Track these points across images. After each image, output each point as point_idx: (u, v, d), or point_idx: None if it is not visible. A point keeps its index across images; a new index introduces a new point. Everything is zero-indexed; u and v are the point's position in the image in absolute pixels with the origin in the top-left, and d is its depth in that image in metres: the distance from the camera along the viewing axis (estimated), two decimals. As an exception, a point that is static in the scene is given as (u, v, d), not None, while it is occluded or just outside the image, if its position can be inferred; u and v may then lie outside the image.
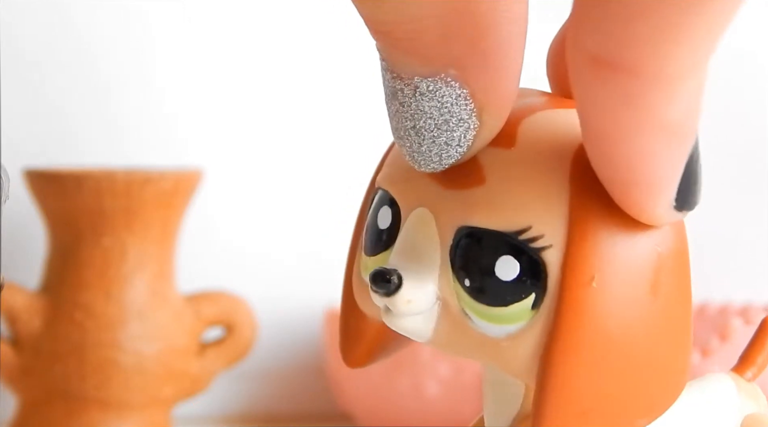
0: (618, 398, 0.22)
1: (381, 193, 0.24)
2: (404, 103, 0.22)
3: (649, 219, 0.22)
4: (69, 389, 0.53)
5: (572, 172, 0.22)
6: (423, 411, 0.55)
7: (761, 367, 0.29)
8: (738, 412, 0.27)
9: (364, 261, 0.25)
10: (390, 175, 0.24)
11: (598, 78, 0.20)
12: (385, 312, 0.23)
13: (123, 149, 0.65)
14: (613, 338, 0.22)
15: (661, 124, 0.20)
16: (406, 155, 0.23)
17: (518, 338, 0.22)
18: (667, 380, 0.23)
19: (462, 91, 0.22)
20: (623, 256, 0.22)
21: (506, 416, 0.25)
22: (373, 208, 0.25)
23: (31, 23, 0.64)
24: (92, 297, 0.54)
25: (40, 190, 0.55)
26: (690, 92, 0.20)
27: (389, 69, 0.22)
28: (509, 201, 0.22)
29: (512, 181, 0.22)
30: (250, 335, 0.57)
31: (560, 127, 0.23)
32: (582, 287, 0.22)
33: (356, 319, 0.26)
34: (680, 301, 0.23)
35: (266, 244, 0.66)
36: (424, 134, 0.22)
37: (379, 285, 0.22)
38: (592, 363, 0.22)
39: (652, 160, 0.21)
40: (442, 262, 0.23)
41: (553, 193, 0.22)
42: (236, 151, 0.66)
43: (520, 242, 0.22)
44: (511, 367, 0.23)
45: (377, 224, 0.24)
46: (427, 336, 0.23)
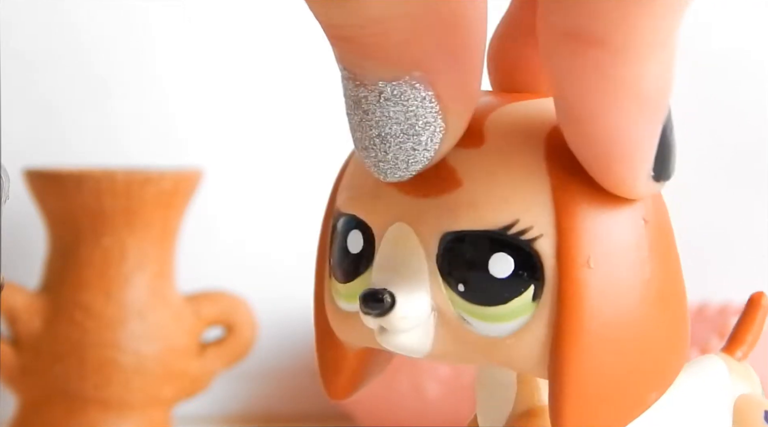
0: (630, 375, 0.22)
1: (345, 218, 0.24)
2: (368, 110, 0.22)
3: (629, 192, 0.22)
4: (69, 388, 0.54)
5: (547, 159, 0.22)
6: (423, 411, 0.55)
7: (751, 345, 0.29)
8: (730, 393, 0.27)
9: (336, 288, 0.24)
10: (354, 198, 0.24)
11: (570, 52, 0.20)
12: (380, 332, 0.23)
13: (123, 149, 0.65)
14: (618, 314, 0.22)
15: (633, 94, 0.20)
16: (371, 166, 0.22)
17: (523, 333, 0.22)
18: (672, 349, 0.23)
19: (427, 94, 0.21)
20: (613, 231, 0.22)
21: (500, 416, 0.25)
22: (339, 234, 0.24)
23: (31, 23, 0.64)
24: (92, 297, 0.54)
25: (40, 190, 0.55)
26: (660, 63, 0.20)
27: (351, 77, 0.21)
28: (491, 199, 0.22)
29: (490, 178, 0.22)
30: (250, 335, 0.57)
31: (526, 117, 0.23)
32: (580, 270, 0.22)
33: (334, 349, 0.26)
34: (672, 267, 0.23)
35: (266, 244, 0.66)
36: (390, 141, 0.22)
37: (372, 306, 0.22)
38: (602, 344, 0.22)
39: (628, 132, 0.21)
40: (431, 273, 0.22)
41: (532, 182, 0.22)
42: (236, 151, 0.66)
43: (510, 236, 0.22)
44: (520, 363, 0.22)
45: (347, 249, 0.24)
46: (426, 350, 0.23)
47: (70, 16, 0.64)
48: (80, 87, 0.64)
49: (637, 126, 0.21)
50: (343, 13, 0.20)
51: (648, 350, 0.22)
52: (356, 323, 0.24)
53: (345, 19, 0.20)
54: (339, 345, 0.25)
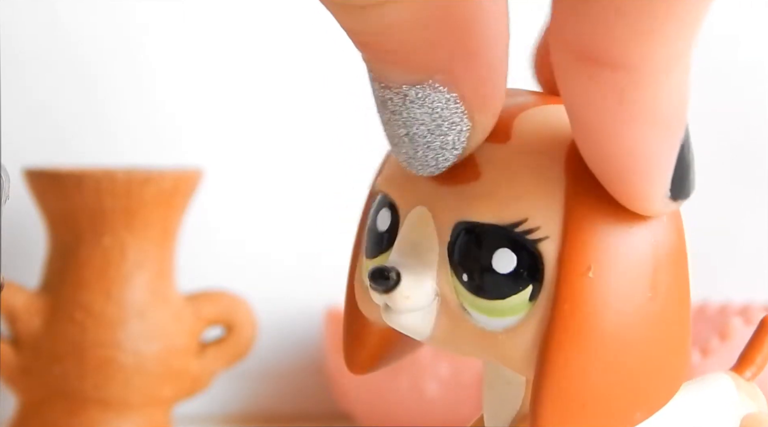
0: (616, 390, 0.22)
1: (380, 196, 0.25)
2: (395, 111, 0.22)
3: (645, 210, 0.22)
4: (69, 388, 0.53)
5: (567, 165, 0.22)
6: (423, 411, 0.55)
7: (760, 366, 0.29)
8: (737, 411, 0.27)
9: (365, 264, 0.25)
10: (388, 178, 0.24)
11: (584, 75, 0.20)
12: (385, 310, 0.23)
13: (123, 149, 0.65)
14: (611, 328, 0.22)
15: (649, 116, 0.20)
16: (403, 162, 0.23)
17: (516, 331, 0.22)
18: (666, 372, 0.23)
19: (451, 95, 0.22)
20: (620, 246, 0.22)
21: (506, 415, 0.25)
22: (372, 211, 0.25)
23: (30, 23, 0.64)
24: (92, 297, 0.54)
25: (40, 189, 0.55)
26: (676, 83, 0.20)
27: (377, 79, 0.22)
28: (505, 194, 0.22)
29: (507, 174, 0.22)
30: (250, 334, 0.57)
31: (554, 121, 0.23)
32: (578, 278, 0.22)
33: (359, 324, 0.26)
34: (679, 293, 0.23)
35: (266, 244, 0.66)
36: (417, 141, 0.22)
37: (378, 282, 0.23)
38: (589, 354, 0.22)
39: (643, 152, 0.21)
40: (441, 258, 0.23)
41: (548, 185, 0.22)
42: (236, 151, 0.66)
43: (517, 234, 0.22)
44: (510, 360, 0.23)
45: (377, 226, 0.24)
46: (426, 333, 0.23)
47: (70, 17, 0.64)
48: (80, 87, 0.64)
49: (654, 146, 0.21)
50: (364, 22, 0.20)
51: (639, 369, 0.22)
52: None
53: (366, 27, 0.21)
54: (365, 321, 0.26)
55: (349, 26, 0.21)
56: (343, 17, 0.21)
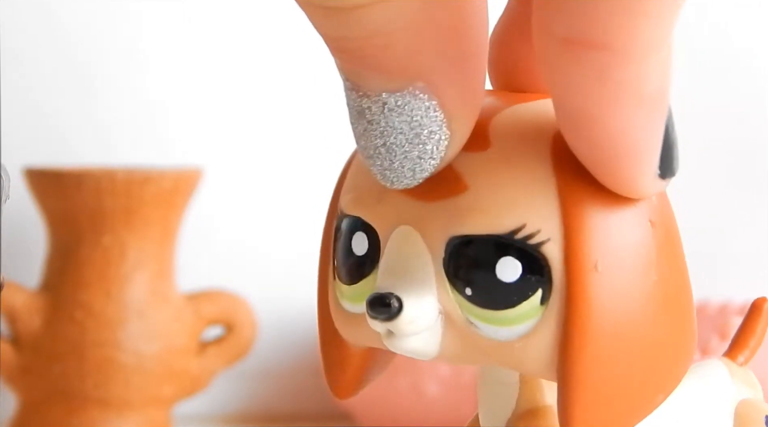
0: (638, 377, 0.22)
1: (350, 219, 0.24)
2: (372, 120, 0.21)
3: (636, 192, 0.22)
4: (69, 388, 0.53)
5: (554, 162, 0.22)
6: (422, 411, 0.55)
7: (753, 350, 0.29)
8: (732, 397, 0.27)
9: (340, 289, 0.24)
10: (358, 200, 0.24)
11: (570, 58, 0.20)
12: (387, 336, 0.23)
13: (123, 148, 0.65)
14: (626, 317, 0.22)
15: (636, 96, 0.20)
16: (377, 174, 0.22)
17: (531, 337, 0.22)
18: (679, 350, 0.23)
19: (431, 103, 0.21)
20: (620, 234, 0.22)
21: (502, 415, 0.25)
22: (343, 235, 0.24)
23: (30, 23, 0.64)
24: (92, 296, 0.54)
25: (40, 189, 0.55)
26: (660, 62, 0.20)
27: (353, 88, 0.21)
28: (497, 202, 0.22)
29: (496, 182, 0.22)
30: (250, 334, 0.57)
31: (531, 120, 0.23)
32: (588, 274, 0.22)
33: (338, 349, 0.25)
34: (679, 268, 0.23)
35: (266, 243, 0.66)
36: (395, 150, 0.22)
37: (379, 311, 0.22)
38: (610, 347, 0.22)
39: (632, 133, 0.21)
40: (437, 275, 0.22)
41: (539, 186, 0.22)
42: (236, 150, 0.66)
43: (518, 241, 0.22)
44: (529, 366, 0.22)
45: (352, 251, 0.24)
46: (433, 352, 0.23)
47: (69, 17, 0.64)
48: (80, 87, 0.64)
49: (641, 126, 0.21)
50: (345, 26, 0.20)
51: (655, 351, 0.22)
52: (361, 323, 0.24)
53: (346, 31, 0.20)
54: (343, 345, 0.25)
55: (330, 32, 0.21)
56: (323, 22, 0.20)
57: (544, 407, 0.24)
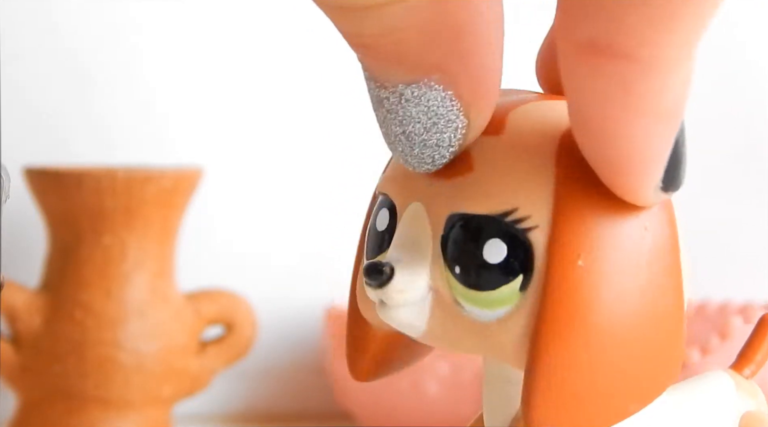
0: (609, 381, 0.22)
1: (381, 197, 0.25)
2: (391, 110, 0.22)
3: (636, 199, 0.22)
4: (69, 387, 0.54)
5: (558, 156, 0.22)
6: (423, 410, 0.56)
7: (759, 364, 0.29)
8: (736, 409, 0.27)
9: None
10: (388, 178, 0.25)
11: (593, 67, 0.20)
12: (380, 305, 0.23)
13: (123, 148, 0.65)
14: (603, 318, 0.22)
15: (655, 109, 0.21)
16: (401, 159, 0.23)
17: (507, 321, 0.22)
18: (660, 363, 0.23)
19: (447, 94, 0.22)
20: (610, 236, 0.22)
21: (507, 414, 0.25)
22: (374, 213, 0.25)
23: (30, 23, 0.64)
24: (92, 296, 0.54)
25: (41, 188, 0.55)
26: (682, 76, 0.20)
27: (372, 78, 0.22)
28: (496, 185, 0.22)
29: (499, 165, 0.23)
30: (250, 333, 0.57)
31: (547, 115, 0.23)
32: (568, 266, 0.22)
33: (361, 329, 0.26)
34: (672, 283, 0.23)
35: (266, 242, 0.66)
36: (414, 139, 0.22)
37: (372, 277, 0.23)
38: (581, 344, 0.22)
39: (644, 144, 0.21)
40: (434, 252, 0.23)
41: (538, 175, 0.22)
42: (236, 150, 0.66)
43: (507, 223, 0.22)
44: (502, 352, 0.23)
45: (376, 227, 0.25)
46: (421, 329, 0.23)
47: (69, 17, 0.64)
48: (80, 87, 0.64)
49: (653, 139, 0.21)
50: (361, 24, 0.21)
51: (633, 359, 0.22)
52: None
53: (362, 29, 0.21)
54: (364, 325, 0.26)
55: (347, 29, 0.21)
56: (341, 20, 0.21)
57: None
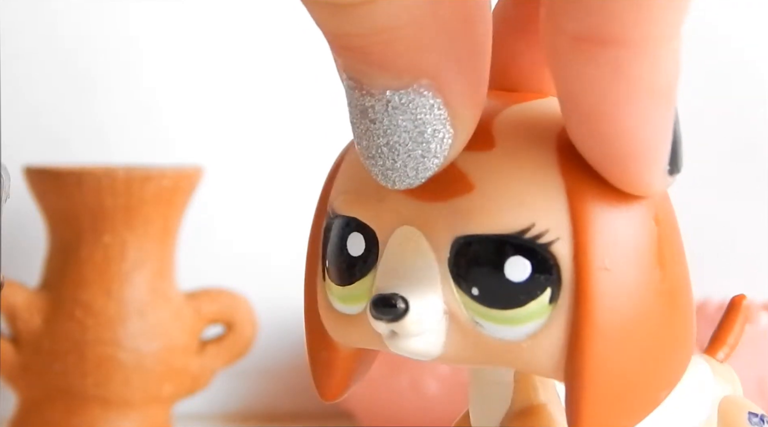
0: (645, 374, 0.22)
1: (343, 219, 0.24)
2: (375, 119, 0.21)
3: (644, 189, 0.22)
4: (69, 386, 0.54)
5: (560, 160, 0.22)
6: (422, 409, 0.56)
7: (732, 347, 0.29)
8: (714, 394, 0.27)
9: (332, 290, 0.24)
10: (354, 201, 0.24)
11: (584, 56, 0.20)
12: (390, 337, 0.22)
13: (123, 147, 0.65)
14: (633, 315, 0.22)
15: (650, 89, 0.20)
16: (378, 175, 0.22)
17: (540, 337, 0.22)
18: (681, 346, 0.23)
19: (435, 101, 0.21)
20: (626, 231, 0.22)
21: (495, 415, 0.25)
22: (337, 236, 0.24)
23: (30, 23, 0.64)
24: (92, 295, 0.54)
25: (41, 187, 0.55)
26: (671, 55, 0.20)
27: (357, 86, 0.21)
28: (505, 202, 0.22)
29: (503, 181, 0.22)
30: (250, 332, 0.57)
31: (534, 118, 0.23)
32: (597, 272, 0.22)
33: (327, 350, 0.25)
34: (681, 266, 0.23)
35: (266, 242, 0.66)
36: (398, 150, 0.21)
37: (384, 311, 0.22)
38: (619, 345, 0.22)
39: (645, 129, 0.21)
40: (441, 276, 0.22)
41: (546, 185, 0.22)
42: (236, 149, 0.66)
43: (527, 240, 0.22)
44: (536, 366, 0.22)
45: (347, 252, 0.23)
46: (436, 353, 0.23)
47: (69, 17, 0.64)
48: (80, 86, 0.64)
49: (653, 121, 0.21)
50: (351, 23, 0.20)
51: (660, 348, 0.22)
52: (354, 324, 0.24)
53: (352, 28, 0.20)
54: (332, 346, 0.25)
55: (334, 29, 0.20)
56: (328, 19, 0.20)
57: (539, 405, 0.24)
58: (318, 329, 0.25)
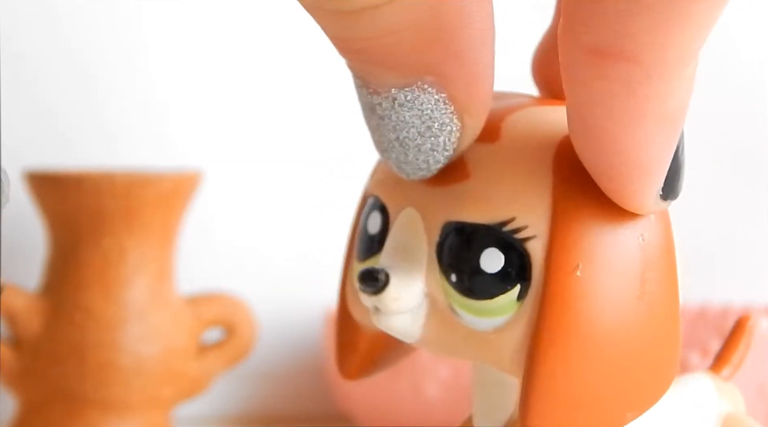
0: (606, 390, 0.22)
1: (372, 199, 0.25)
2: (384, 116, 0.22)
3: (636, 208, 0.22)
4: (69, 390, 0.53)
5: (555, 165, 0.22)
6: (422, 412, 0.55)
7: (736, 366, 0.29)
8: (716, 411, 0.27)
9: (356, 268, 0.25)
10: (379, 181, 0.25)
11: (597, 70, 0.20)
12: (375, 312, 0.23)
13: (122, 151, 0.65)
14: (600, 327, 0.22)
15: (658, 112, 0.20)
16: (393, 166, 0.23)
17: (505, 331, 0.22)
18: (656, 371, 0.23)
19: (440, 97, 0.22)
20: (608, 245, 0.22)
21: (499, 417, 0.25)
22: (364, 214, 0.25)
23: (30, 23, 0.64)
24: (92, 298, 0.54)
25: (40, 191, 0.55)
26: (684, 81, 0.20)
27: (363, 85, 0.22)
28: (493, 194, 0.22)
29: (496, 174, 0.22)
30: (250, 336, 0.57)
31: (543, 122, 0.23)
32: (566, 276, 0.22)
33: (351, 329, 0.26)
34: (668, 292, 0.23)
35: (266, 244, 0.66)
36: (408, 144, 0.22)
37: (367, 284, 0.23)
38: (578, 353, 0.22)
39: (648, 149, 0.21)
40: (429, 259, 0.23)
41: (535, 184, 0.22)
42: (236, 152, 0.66)
43: (504, 233, 0.22)
44: (499, 360, 0.23)
45: (368, 229, 0.24)
46: (416, 335, 0.23)
47: (70, 18, 0.64)
48: (80, 89, 0.64)
49: (656, 143, 0.21)
50: (354, 27, 0.20)
51: (629, 368, 0.22)
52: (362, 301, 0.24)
53: (355, 32, 0.21)
54: (355, 325, 0.26)
55: (339, 34, 0.21)
56: (334, 25, 0.21)
57: None
58: (345, 308, 0.26)
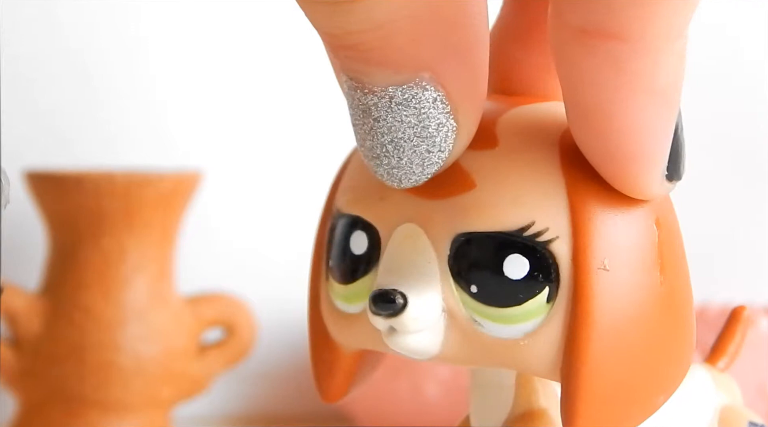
0: (641, 378, 0.22)
1: (347, 219, 0.24)
2: (379, 117, 0.21)
3: (643, 193, 0.22)
4: (68, 390, 0.53)
5: (562, 160, 0.22)
6: (422, 412, 0.55)
7: (732, 357, 0.29)
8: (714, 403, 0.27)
9: (334, 290, 0.24)
10: (358, 200, 0.24)
11: (585, 49, 0.20)
12: (389, 333, 0.23)
13: (122, 151, 0.65)
14: (631, 317, 0.22)
15: (650, 88, 0.20)
16: (383, 174, 0.22)
17: (537, 335, 0.22)
18: (681, 352, 0.23)
19: (438, 94, 0.21)
20: (627, 233, 0.22)
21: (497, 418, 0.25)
22: (340, 235, 0.24)
23: (30, 24, 0.64)
24: (92, 298, 0.54)
25: (40, 191, 0.55)
26: (674, 56, 0.20)
27: (358, 86, 0.21)
28: (506, 200, 0.22)
29: (504, 179, 0.22)
30: (250, 336, 0.57)
31: (538, 120, 0.23)
32: (595, 272, 0.22)
33: (329, 351, 0.25)
34: (681, 270, 0.23)
35: (266, 244, 0.66)
36: (403, 146, 0.22)
37: (383, 307, 0.22)
38: (615, 347, 0.22)
39: (644, 129, 0.21)
40: (441, 273, 0.22)
41: (547, 184, 0.22)
42: (235, 153, 0.66)
43: (526, 238, 0.22)
44: (532, 365, 0.22)
45: (350, 250, 0.24)
46: (434, 352, 0.23)
47: (70, 18, 0.64)
48: (80, 89, 0.64)
49: (652, 122, 0.21)
50: (349, 20, 0.20)
51: (657, 353, 0.22)
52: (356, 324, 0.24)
53: (351, 25, 0.20)
54: (334, 347, 0.25)
55: (332, 28, 0.20)
56: (326, 18, 0.20)
57: (540, 409, 0.24)
58: (321, 330, 0.25)
